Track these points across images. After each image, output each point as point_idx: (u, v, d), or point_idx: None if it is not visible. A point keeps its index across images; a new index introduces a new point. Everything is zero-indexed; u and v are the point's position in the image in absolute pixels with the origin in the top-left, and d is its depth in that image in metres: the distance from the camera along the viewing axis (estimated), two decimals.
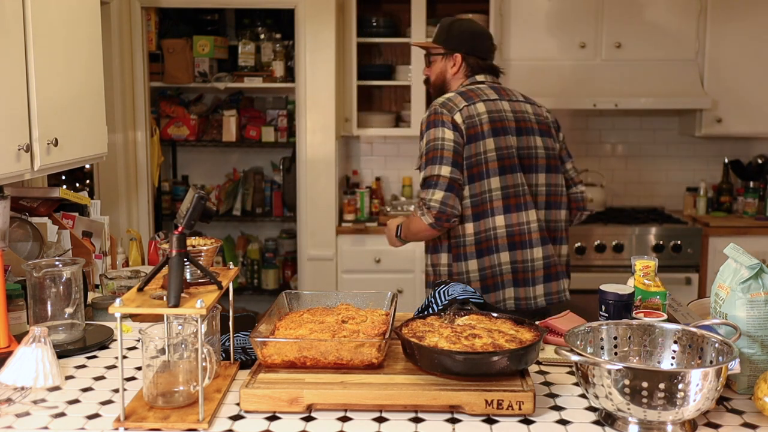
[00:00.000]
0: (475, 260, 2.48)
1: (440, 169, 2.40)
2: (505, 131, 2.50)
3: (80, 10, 2.55)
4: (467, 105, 2.47)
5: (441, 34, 2.66)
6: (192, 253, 1.62)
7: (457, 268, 2.51)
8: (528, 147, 2.54)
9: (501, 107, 2.53)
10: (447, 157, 2.40)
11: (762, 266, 1.62)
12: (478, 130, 2.45)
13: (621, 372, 1.39)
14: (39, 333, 1.61)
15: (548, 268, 2.56)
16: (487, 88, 2.57)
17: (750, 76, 4.27)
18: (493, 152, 2.46)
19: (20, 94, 2.13)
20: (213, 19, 4.65)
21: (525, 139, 2.54)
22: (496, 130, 2.48)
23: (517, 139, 2.52)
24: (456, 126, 2.43)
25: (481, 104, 2.49)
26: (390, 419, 1.52)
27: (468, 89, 2.54)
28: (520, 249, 2.50)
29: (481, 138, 2.45)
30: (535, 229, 2.52)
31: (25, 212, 2.59)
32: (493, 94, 2.55)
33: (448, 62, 2.61)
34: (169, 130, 4.60)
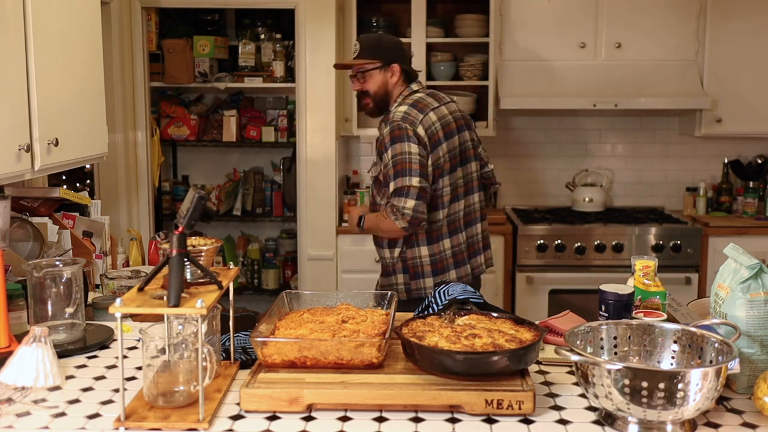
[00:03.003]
0: (426, 247, 2.78)
1: (410, 180, 2.64)
2: (451, 134, 2.79)
3: (80, 10, 2.55)
4: (423, 116, 2.71)
5: (372, 49, 2.82)
6: (192, 253, 1.62)
7: (411, 254, 2.79)
8: (464, 142, 2.85)
9: (444, 113, 2.79)
10: (415, 169, 2.64)
11: (762, 266, 1.62)
12: (436, 138, 2.72)
13: (621, 372, 1.39)
14: (39, 333, 1.61)
15: (475, 244, 2.91)
16: (427, 97, 2.80)
17: (750, 76, 4.27)
18: (446, 154, 2.75)
19: (21, 94, 2.13)
20: (213, 19, 4.65)
21: (462, 136, 2.84)
22: (447, 134, 2.76)
23: (458, 137, 2.82)
24: (420, 139, 2.66)
25: (432, 113, 2.74)
26: (390, 419, 1.52)
27: (415, 100, 2.76)
28: (455, 234, 2.83)
29: (439, 144, 2.73)
30: (467, 212, 2.87)
31: (25, 212, 2.59)
32: (434, 102, 2.79)
33: (386, 74, 2.79)
34: (169, 130, 4.60)
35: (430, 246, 2.78)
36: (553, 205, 4.72)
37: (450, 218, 2.81)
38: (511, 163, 4.74)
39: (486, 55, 4.34)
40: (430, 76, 4.42)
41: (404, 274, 2.82)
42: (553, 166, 4.73)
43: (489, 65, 4.33)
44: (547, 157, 4.73)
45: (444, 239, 2.80)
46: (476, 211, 2.92)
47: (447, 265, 2.82)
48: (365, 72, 2.81)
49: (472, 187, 2.89)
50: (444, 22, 4.40)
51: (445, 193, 2.77)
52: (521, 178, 4.76)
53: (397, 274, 2.84)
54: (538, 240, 4.13)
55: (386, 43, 2.86)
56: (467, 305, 1.91)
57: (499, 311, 1.84)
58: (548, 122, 4.69)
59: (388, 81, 2.80)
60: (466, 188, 2.86)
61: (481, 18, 4.32)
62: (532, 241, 4.13)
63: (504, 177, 4.74)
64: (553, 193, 4.74)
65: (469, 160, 2.88)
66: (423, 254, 2.79)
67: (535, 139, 4.71)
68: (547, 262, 4.15)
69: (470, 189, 2.89)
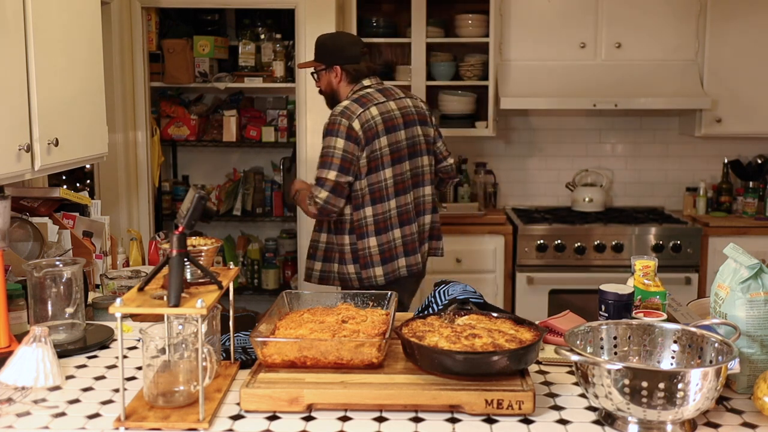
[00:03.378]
0: (374, 237, 2.92)
1: (328, 173, 2.82)
2: (395, 128, 2.94)
3: (80, 10, 2.55)
4: (363, 111, 2.88)
5: (318, 52, 3.09)
6: (192, 253, 1.62)
7: (361, 245, 2.93)
8: (413, 136, 3.01)
9: (389, 108, 2.96)
10: (335, 163, 2.82)
11: (761, 266, 1.62)
12: (374, 131, 2.88)
13: (621, 372, 1.40)
14: (39, 333, 1.61)
15: (423, 234, 3.08)
16: (375, 92, 2.98)
17: (750, 76, 4.27)
18: (386, 148, 2.91)
19: (21, 94, 2.13)
20: (213, 19, 4.64)
21: (410, 131, 3.00)
22: (388, 128, 2.92)
23: (405, 131, 2.97)
24: (349, 135, 2.83)
25: (374, 108, 2.91)
26: (390, 419, 1.52)
27: (360, 95, 2.95)
28: (408, 224, 2.99)
29: (377, 137, 2.88)
30: (417, 204, 3.03)
31: (25, 212, 2.60)
32: (381, 97, 2.97)
33: (331, 74, 3.03)
34: (169, 130, 4.60)
35: (378, 236, 2.92)
36: (553, 205, 4.73)
37: (399, 209, 2.95)
38: (511, 163, 4.74)
39: (486, 55, 4.35)
40: (430, 76, 4.42)
41: (355, 264, 2.96)
42: (553, 166, 4.73)
43: (489, 65, 4.34)
44: (547, 157, 4.73)
45: (394, 229, 2.95)
46: (427, 203, 3.08)
47: (396, 254, 2.97)
48: (315, 73, 3.10)
49: (422, 180, 3.05)
50: (444, 22, 4.40)
51: (389, 185, 2.92)
52: (521, 178, 4.76)
53: (347, 264, 2.96)
54: (538, 240, 4.13)
55: (330, 45, 3.07)
56: (467, 305, 1.91)
57: (499, 311, 1.84)
58: (548, 122, 4.69)
59: (332, 81, 3.03)
60: (414, 181, 3.01)
61: (481, 18, 4.32)
62: (532, 241, 4.13)
63: (504, 177, 4.75)
64: (553, 193, 4.75)
65: (420, 154, 3.03)
66: (372, 244, 2.93)
67: (535, 139, 4.71)
68: (547, 262, 4.15)
69: (420, 182, 3.04)
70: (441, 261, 4.15)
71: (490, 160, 4.72)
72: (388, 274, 2.95)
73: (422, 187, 3.05)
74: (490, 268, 4.19)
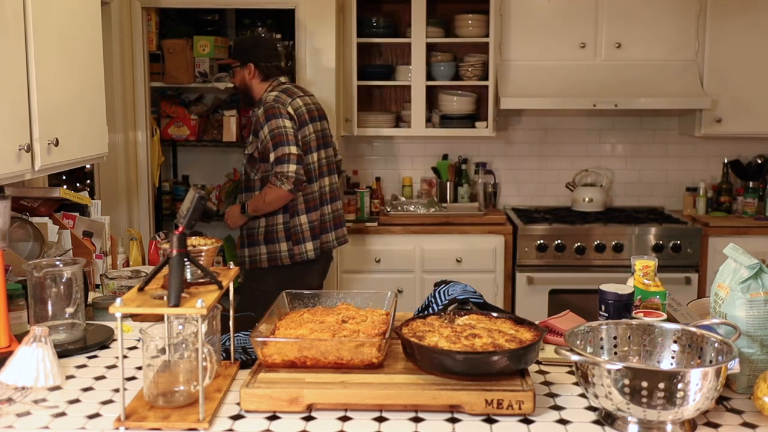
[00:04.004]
0: (305, 215, 3.24)
1: (289, 149, 3.08)
2: (314, 119, 3.30)
3: (81, 10, 2.55)
4: (292, 100, 3.20)
5: (234, 50, 3.43)
6: (192, 253, 1.62)
7: (293, 222, 3.23)
8: (323, 129, 3.37)
9: (307, 101, 3.31)
10: (291, 139, 3.10)
11: (761, 266, 1.62)
12: (303, 119, 3.21)
13: (621, 372, 1.40)
14: (40, 333, 1.61)
15: (336, 219, 3.43)
16: (293, 88, 3.31)
17: (750, 76, 4.27)
18: (312, 134, 3.26)
19: (21, 94, 2.13)
20: (213, 19, 4.64)
21: (321, 123, 3.37)
22: (311, 118, 3.28)
23: (319, 123, 3.34)
24: (291, 116, 3.14)
25: (298, 99, 3.25)
26: (390, 419, 1.52)
27: (285, 88, 3.25)
28: (326, 205, 3.34)
29: (306, 124, 3.22)
30: (332, 189, 3.38)
31: (25, 212, 2.60)
32: (298, 92, 3.30)
33: (245, 71, 3.31)
34: (169, 130, 4.59)
35: (309, 214, 3.25)
36: (553, 205, 4.73)
37: (322, 190, 3.31)
38: (511, 163, 4.74)
39: (486, 55, 4.35)
40: (430, 76, 4.42)
41: (287, 242, 3.26)
42: (553, 166, 4.73)
43: (489, 65, 4.34)
44: (547, 157, 4.73)
45: (321, 207, 3.31)
46: (336, 189, 3.45)
47: (325, 228, 3.34)
48: (231, 69, 3.42)
49: (332, 168, 3.43)
50: (444, 22, 4.40)
51: (314, 168, 3.26)
52: (521, 178, 4.76)
53: (280, 243, 3.26)
54: (538, 240, 4.13)
55: (246, 44, 3.42)
56: (467, 305, 1.91)
57: (499, 311, 1.84)
58: (548, 122, 4.69)
59: (246, 77, 3.31)
60: (328, 168, 3.40)
61: (481, 18, 4.32)
62: (532, 241, 4.13)
63: (504, 177, 4.75)
64: (553, 193, 4.75)
65: (329, 145, 3.42)
66: (303, 221, 3.25)
67: (535, 139, 4.71)
68: (547, 262, 4.15)
69: (331, 169, 3.42)
70: (441, 261, 4.16)
71: (490, 160, 4.72)
72: (316, 249, 3.28)
73: (333, 174, 3.42)
74: (490, 268, 4.19)
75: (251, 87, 3.32)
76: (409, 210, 4.38)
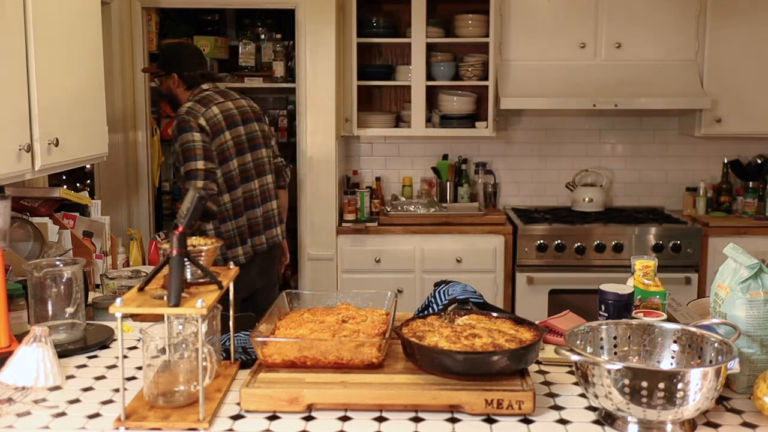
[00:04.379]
0: (233, 221, 3.24)
1: (196, 164, 3.09)
2: (235, 124, 3.26)
3: (81, 10, 2.55)
4: (206, 109, 3.18)
5: (160, 59, 3.44)
6: (192, 253, 1.62)
7: (224, 228, 3.23)
8: (252, 131, 3.34)
9: (228, 106, 3.28)
10: (199, 153, 3.09)
11: (761, 266, 1.62)
12: (218, 127, 3.18)
13: (620, 372, 1.40)
14: (40, 333, 1.61)
15: (271, 218, 3.42)
16: (214, 94, 3.29)
17: (750, 76, 4.27)
18: (230, 141, 3.22)
19: (21, 94, 2.13)
20: (213, 19, 4.64)
21: (249, 126, 3.33)
22: (230, 124, 3.24)
23: (244, 127, 3.30)
24: (202, 127, 3.12)
25: (215, 107, 3.21)
26: (390, 419, 1.52)
27: (201, 97, 3.24)
28: (252, 209, 3.31)
29: (221, 132, 3.19)
30: (262, 191, 3.36)
31: (26, 212, 2.60)
32: (219, 98, 3.28)
33: (169, 80, 3.33)
34: (169, 130, 4.57)
35: (236, 219, 3.26)
36: (553, 205, 4.73)
37: (246, 195, 3.27)
38: (511, 163, 4.74)
39: (486, 55, 4.35)
40: (430, 76, 4.42)
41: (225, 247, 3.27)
42: (553, 166, 4.73)
43: (489, 65, 4.34)
44: (547, 157, 4.73)
45: (249, 210, 3.29)
46: (270, 190, 3.42)
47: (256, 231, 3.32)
48: (157, 77, 3.44)
49: (264, 169, 3.38)
50: (444, 22, 4.40)
51: (236, 174, 3.23)
52: (521, 178, 4.76)
53: None
54: (538, 240, 4.13)
55: (169, 54, 3.41)
56: (467, 305, 1.91)
57: (499, 311, 1.84)
58: (548, 122, 4.69)
59: (171, 87, 3.34)
60: (257, 170, 3.34)
61: (481, 18, 4.32)
62: (532, 241, 4.13)
63: (504, 177, 4.75)
64: (553, 193, 4.75)
65: (259, 147, 3.36)
66: (232, 227, 3.25)
67: (535, 139, 4.71)
68: (547, 262, 4.15)
69: (262, 171, 3.37)
70: (441, 261, 4.16)
71: (490, 160, 4.72)
72: (247, 253, 3.28)
73: (265, 176, 3.39)
74: (490, 268, 4.19)
75: (177, 96, 3.35)
76: (409, 210, 4.38)
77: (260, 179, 3.35)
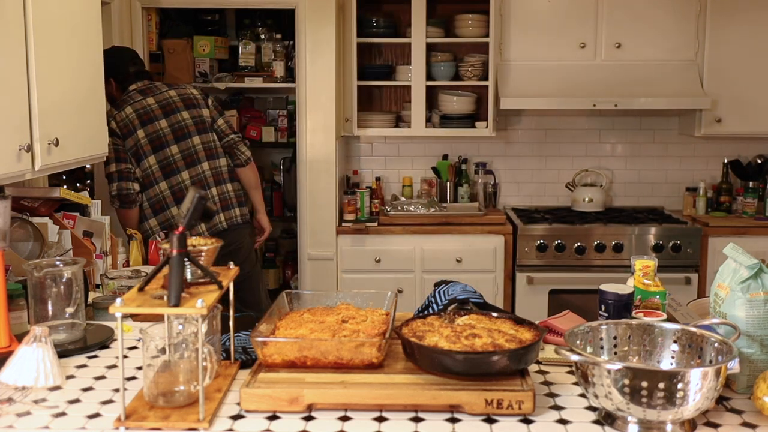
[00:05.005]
0: (154, 218, 3.30)
1: (109, 168, 3.22)
2: (151, 120, 3.28)
3: (81, 10, 2.55)
4: (117, 112, 3.27)
5: None
6: (192, 253, 1.62)
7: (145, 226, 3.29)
8: (177, 122, 3.33)
9: (146, 104, 3.30)
10: (111, 157, 3.17)
11: (761, 266, 1.62)
12: (129, 128, 3.25)
13: (620, 372, 1.40)
14: (40, 333, 1.61)
15: (222, 201, 3.40)
16: (136, 93, 3.33)
17: (750, 76, 4.27)
18: (144, 139, 3.26)
19: (21, 94, 2.13)
20: (213, 19, 4.64)
21: (173, 117, 3.33)
22: (143, 122, 3.27)
23: (166, 119, 3.31)
24: (112, 131, 3.18)
25: (128, 107, 3.28)
26: (390, 419, 1.52)
27: (122, 99, 3.33)
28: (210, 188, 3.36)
29: (133, 132, 3.25)
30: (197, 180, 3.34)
31: (26, 212, 2.60)
32: (138, 96, 3.32)
33: (109, 86, 3.23)
34: None
35: (156, 216, 3.30)
36: (553, 205, 4.73)
37: (173, 189, 3.30)
38: (511, 163, 4.74)
39: (486, 55, 4.35)
40: (430, 76, 4.42)
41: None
42: (553, 166, 4.73)
43: (489, 65, 4.34)
44: (547, 157, 4.73)
45: (170, 207, 3.30)
46: (209, 177, 3.39)
47: None
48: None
49: (197, 158, 3.36)
50: (444, 22, 4.40)
51: (155, 170, 3.27)
52: (521, 178, 4.76)
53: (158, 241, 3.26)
54: (538, 240, 4.13)
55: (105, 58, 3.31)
56: (467, 305, 1.91)
57: (499, 311, 1.84)
58: (548, 122, 4.69)
59: (112, 91, 3.33)
60: (187, 160, 3.34)
61: (481, 18, 4.32)
62: (532, 241, 4.13)
63: (504, 177, 4.75)
64: (553, 193, 4.75)
65: (188, 135, 3.35)
66: (153, 224, 3.30)
67: (535, 139, 4.71)
68: (547, 262, 4.15)
69: (194, 160, 3.36)
70: (441, 261, 4.16)
71: (490, 160, 4.72)
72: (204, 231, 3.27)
73: (199, 164, 3.36)
74: (490, 268, 4.19)
75: (117, 98, 3.36)
76: (409, 210, 4.38)
77: (193, 168, 3.33)
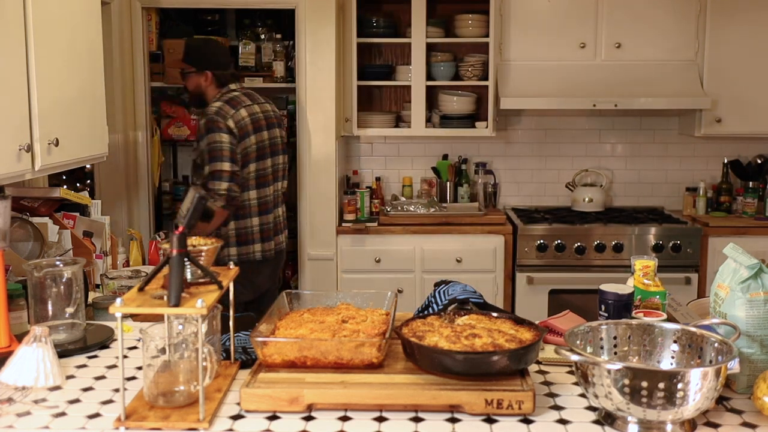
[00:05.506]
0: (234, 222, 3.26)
1: (222, 165, 3.13)
2: (260, 128, 3.31)
3: (81, 10, 2.55)
4: (234, 111, 3.22)
5: (191, 56, 3.39)
6: (192, 253, 1.62)
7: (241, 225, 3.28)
8: (274, 137, 3.39)
9: (255, 110, 3.32)
10: (226, 155, 3.13)
11: (761, 266, 1.62)
12: (246, 130, 3.23)
13: (620, 371, 1.40)
14: (40, 333, 1.61)
15: (279, 224, 3.48)
16: (242, 95, 3.32)
17: (750, 76, 4.27)
18: (254, 145, 3.27)
19: (21, 94, 2.13)
20: (213, 19, 4.65)
21: (272, 132, 3.38)
22: (256, 128, 3.28)
23: (268, 132, 3.35)
24: (230, 129, 3.16)
25: (243, 110, 3.25)
26: (390, 419, 1.52)
27: (230, 98, 3.27)
28: (266, 214, 3.36)
29: (248, 135, 3.24)
30: (275, 196, 3.42)
31: (26, 212, 2.60)
32: (247, 101, 3.32)
33: (200, 78, 3.32)
34: (169, 130, 4.60)
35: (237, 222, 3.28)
36: (553, 205, 4.73)
37: (260, 199, 3.32)
38: (511, 163, 4.74)
39: (486, 55, 4.35)
40: (430, 76, 4.42)
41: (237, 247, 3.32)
42: (553, 166, 4.73)
43: (489, 65, 4.34)
44: (547, 157, 4.73)
45: (254, 216, 3.32)
46: (280, 196, 3.49)
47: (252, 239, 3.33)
48: (184, 73, 3.39)
49: (279, 175, 3.46)
50: (444, 22, 4.40)
51: (252, 177, 3.28)
52: (521, 178, 4.76)
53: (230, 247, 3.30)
54: (538, 240, 4.13)
55: (204, 51, 3.39)
56: (467, 305, 1.91)
57: (499, 311, 1.84)
58: (548, 122, 4.69)
59: (202, 83, 3.32)
60: (274, 176, 3.40)
61: (481, 18, 4.32)
62: (532, 241, 4.13)
63: (504, 177, 4.75)
64: (553, 193, 4.75)
65: (278, 153, 3.42)
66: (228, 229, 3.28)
67: (535, 139, 4.71)
68: (547, 262, 4.15)
69: (278, 177, 3.44)
70: (441, 261, 4.16)
71: (490, 160, 4.72)
72: (242, 255, 3.30)
73: (280, 181, 3.46)
74: (490, 268, 4.19)
75: (205, 93, 3.35)
76: (409, 210, 4.38)
77: (275, 184, 3.41)
